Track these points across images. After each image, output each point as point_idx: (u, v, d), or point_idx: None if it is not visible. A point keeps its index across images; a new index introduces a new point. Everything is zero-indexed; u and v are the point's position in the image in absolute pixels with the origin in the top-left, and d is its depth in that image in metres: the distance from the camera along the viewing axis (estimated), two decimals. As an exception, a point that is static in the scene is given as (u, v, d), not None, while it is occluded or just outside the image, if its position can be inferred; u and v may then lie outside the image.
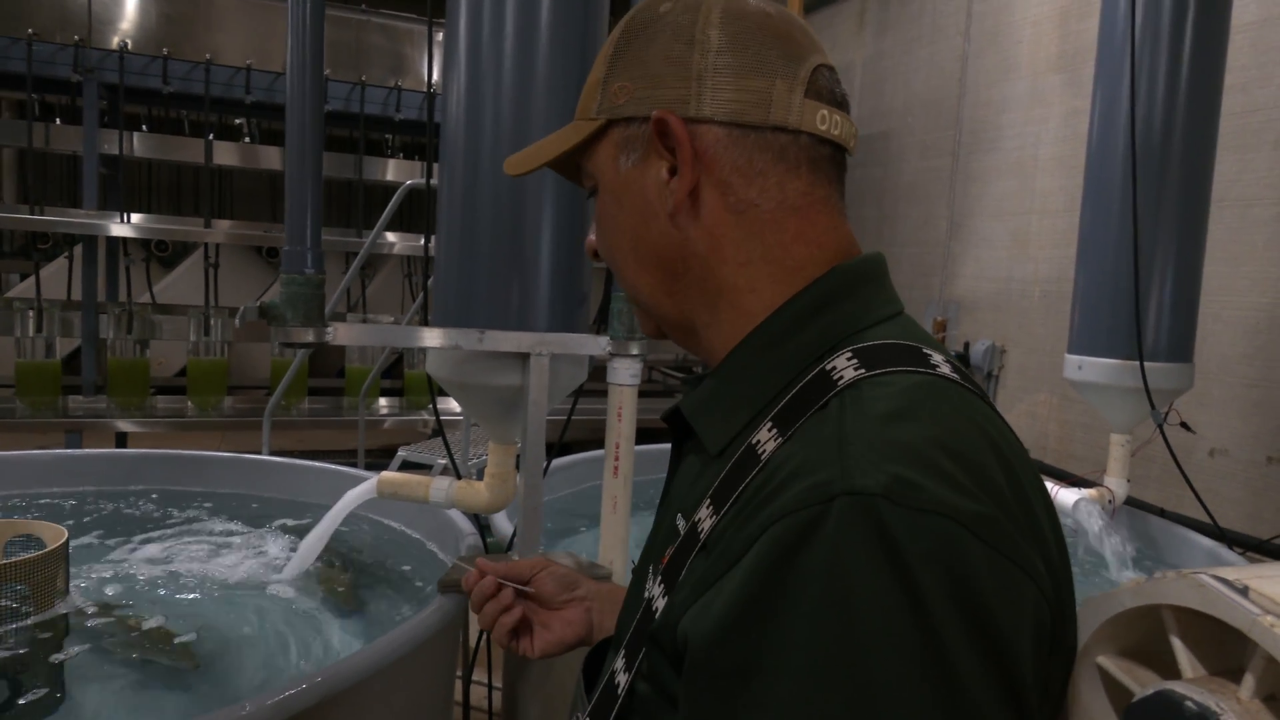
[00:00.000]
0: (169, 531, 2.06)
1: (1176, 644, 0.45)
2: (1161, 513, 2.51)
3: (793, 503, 0.51)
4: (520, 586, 0.96)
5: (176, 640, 1.52)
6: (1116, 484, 2.31)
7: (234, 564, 1.86)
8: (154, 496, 2.27)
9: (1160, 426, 2.22)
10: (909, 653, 0.47)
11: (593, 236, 0.76)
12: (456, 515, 1.88)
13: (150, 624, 1.56)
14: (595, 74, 0.71)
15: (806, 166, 0.66)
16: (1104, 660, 0.50)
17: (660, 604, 0.61)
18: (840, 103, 0.68)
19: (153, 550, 1.94)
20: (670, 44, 0.66)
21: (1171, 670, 0.47)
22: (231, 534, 2.06)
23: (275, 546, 1.99)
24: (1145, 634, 0.50)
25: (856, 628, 0.48)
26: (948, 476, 0.51)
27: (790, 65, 0.66)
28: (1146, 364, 2.14)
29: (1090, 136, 2.32)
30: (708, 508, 0.60)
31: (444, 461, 3.12)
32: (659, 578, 0.63)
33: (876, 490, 0.49)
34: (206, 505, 2.24)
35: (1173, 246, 2.20)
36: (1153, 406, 2.18)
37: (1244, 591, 0.42)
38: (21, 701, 1.31)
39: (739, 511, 0.56)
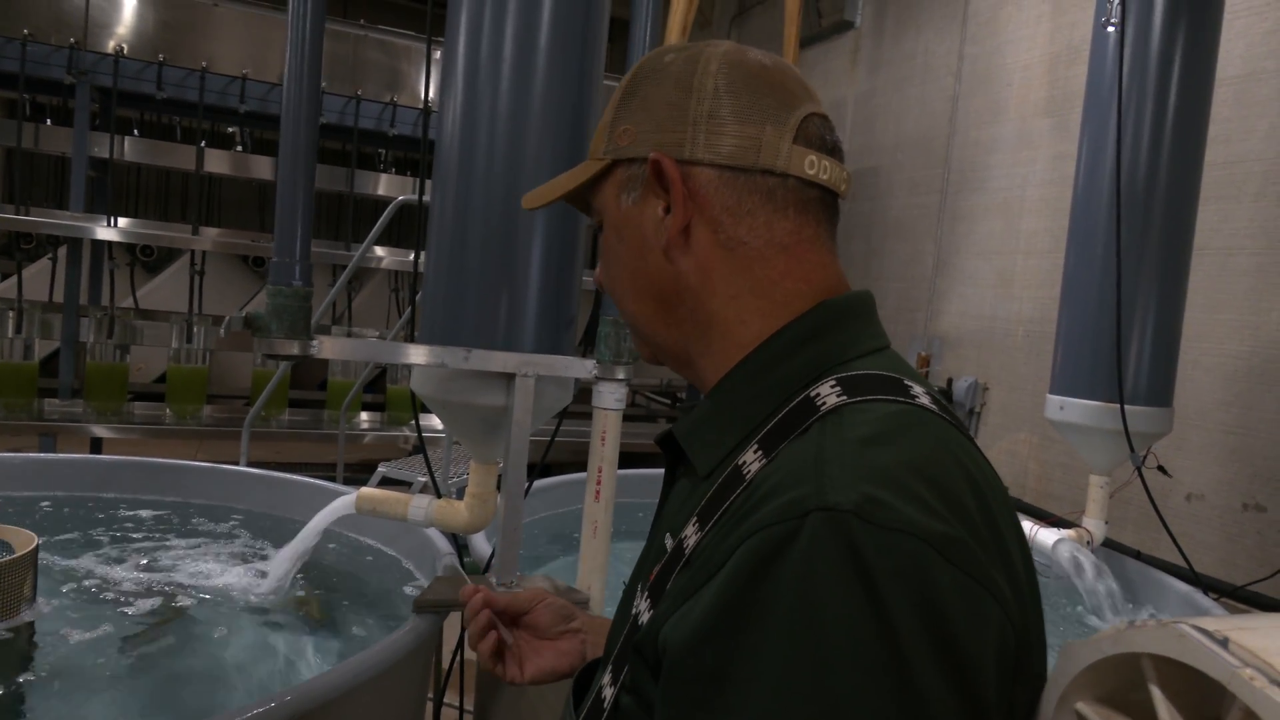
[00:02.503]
0: (142, 541, 2.02)
1: (1156, 694, 0.45)
2: (1138, 555, 2.52)
3: (769, 517, 0.53)
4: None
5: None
6: (1095, 525, 2.33)
7: (208, 576, 1.84)
8: (128, 504, 2.23)
9: (1139, 469, 2.24)
10: (873, 666, 0.49)
11: (599, 271, 0.81)
12: (435, 534, 1.87)
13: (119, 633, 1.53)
14: (605, 117, 0.76)
15: (794, 208, 0.70)
16: (1082, 707, 0.50)
17: (645, 618, 0.63)
18: (831, 149, 0.72)
19: (125, 559, 1.90)
20: (671, 90, 0.71)
21: (1150, 719, 0.47)
22: (206, 545, 2.03)
23: (250, 559, 1.97)
24: (1124, 681, 0.51)
25: (823, 639, 0.49)
26: (919, 499, 0.53)
27: (781, 113, 0.69)
28: (1126, 407, 2.16)
29: (1076, 181, 2.36)
30: (694, 525, 0.62)
31: (424, 479, 3.10)
32: (646, 593, 0.65)
33: (849, 507, 0.51)
34: (181, 515, 2.21)
35: (1154, 292, 2.23)
36: (1132, 449, 2.19)
37: (1224, 643, 0.42)
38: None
39: (721, 527, 0.58)
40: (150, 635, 1.57)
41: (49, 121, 4.61)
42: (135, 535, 2.06)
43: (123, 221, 4.29)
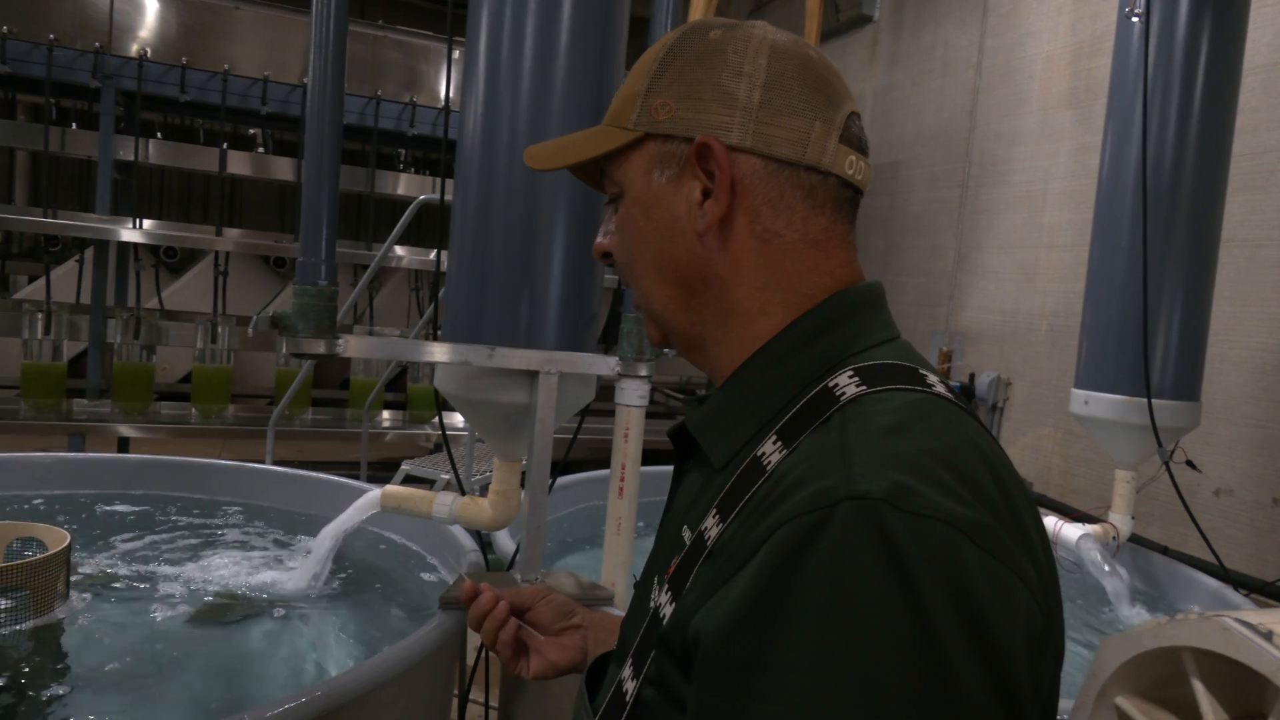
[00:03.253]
0: (170, 538, 2.05)
1: (1198, 687, 0.45)
2: (1165, 551, 2.50)
3: (799, 507, 0.53)
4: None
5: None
6: (1121, 520, 2.30)
7: (235, 572, 1.86)
8: (157, 502, 2.26)
9: (1167, 464, 2.22)
10: (909, 651, 0.49)
11: (602, 239, 0.78)
12: (459, 531, 1.88)
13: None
14: (634, 85, 0.72)
15: (830, 206, 0.70)
16: (1123, 701, 0.49)
17: (668, 610, 0.63)
18: (865, 149, 0.72)
19: (154, 556, 1.93)
20: (718, 71, 0.69)
21: (1191, 713, 0.47)
22: (233, 542, 2.05)
23: (277, 556, 1.99)
24: (1162, 675, 0.50)
25: (858, 625, 0.50)
26: (945, 485, 0.54)
27: (829, 110, 0.69)
28: (1153, 401, 2.14)
29: (1101, 174, 2.33)
30: (714, 517, 0.62)
31: (447, 477, 3.12)
32: (665, 586, 0.65)
33: (879, 495, 0.52)
34: (209, 513, 2.24)
35: (1181, 285, 2.20)
36: (1159, 444, 2.17)
37: (1269, 636, 0.42)
38: (20, 706, 1.30)
39: (746, 518, 0.58)
40: (179, 630, 1.59)
41: (74, 125, 4.67)
42: (163, 532, 2.09)
43: (147, 223, 4.34)
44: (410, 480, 3.22)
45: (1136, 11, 2.22)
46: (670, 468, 0.79)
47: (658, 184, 0.71)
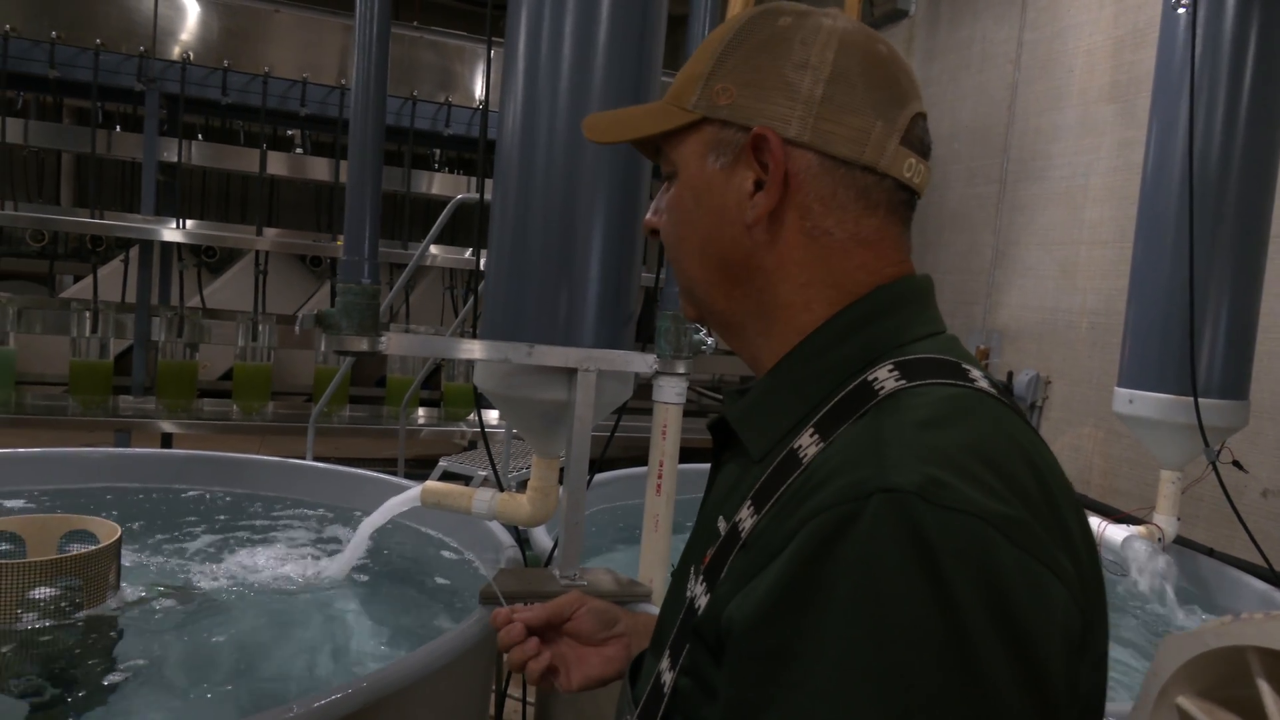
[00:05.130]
0: (216, 531, 2.09)
1: (1264, 687, 0.44)
2: (1211, 553, 2.45)
3: (830, 499, 0.53)
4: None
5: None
6: (1166, 522, 2.26)
7: (279, 565, 1.89)
8: (202, 497, 2.31)
9: (1213, 465, 2.17)
10: (936, 646, 0.49)
11: (652, 216, 0.77)
12: (496, 527, 1.89)
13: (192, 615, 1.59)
14: (698, 66, 0.71)
15: (884, 207, 0.69)
16: (1184, 702, 0.49)
17: (703, 601, 0.63)
18: (926, 152, 0.70)
19: (200, 549, 1.97)
20: (783, 60, 0.67)
21: (1254, 713, 0.46)
22: (276, 536, 2.09)
23: (320, 550, 2.02)
24: (1224, 675, 0.50)
25: (887, 618, 0.49)
26: (979, 480, 0.53)
27: (892, 110, 0.67)
28: (1200, 400, 2.10)
29: (1145, 168, 2.29)
30: (748, 508, 0.62)
31: (485, 473, 3.14)
32: (700, 577, 0.64)
33: (911, 488, 0.51)
34: (253, 508, 2.28)
35: (1228, 281, 2.16)
36: (1206, 444, 2.13)
37: (1338, 636, 0.41)
38: (75, 694, 1.34)
39: (780, 509, 0.58)
40: (224, 619, 1.62)
41: (119, 128, 4.77)
42: (208, 525, 2.13)
43: (190, 223, 4.42)
44: (448, 476, 3.25)
45: (1183, 3, 2.18)
46: (707, 465, 0.79)
47: (711, 170, 0.70)
